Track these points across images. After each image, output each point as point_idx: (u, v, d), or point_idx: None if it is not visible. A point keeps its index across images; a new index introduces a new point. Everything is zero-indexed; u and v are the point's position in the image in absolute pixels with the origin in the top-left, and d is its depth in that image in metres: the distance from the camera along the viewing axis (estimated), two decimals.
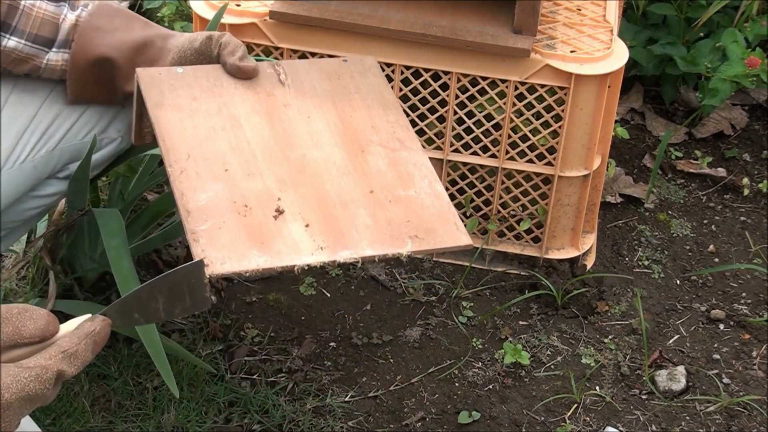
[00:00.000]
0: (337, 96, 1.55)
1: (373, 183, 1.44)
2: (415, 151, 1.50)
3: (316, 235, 1.35)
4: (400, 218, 1.41)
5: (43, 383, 1.08)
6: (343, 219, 1.39)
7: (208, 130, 1.44)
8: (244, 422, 1.81)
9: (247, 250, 1.31)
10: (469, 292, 2.09)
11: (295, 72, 1.56)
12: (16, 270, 1.90)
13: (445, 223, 1.42)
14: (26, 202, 1.61)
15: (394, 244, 1.38)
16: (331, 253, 1.34)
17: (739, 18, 2.48)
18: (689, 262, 2.21)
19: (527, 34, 1.91)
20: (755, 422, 1.86)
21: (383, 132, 1.52)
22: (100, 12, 1.54)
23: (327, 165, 1.45)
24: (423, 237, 1.40)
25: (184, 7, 2.77)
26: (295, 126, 1.49)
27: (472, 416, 1.85)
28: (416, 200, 1.44)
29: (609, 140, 2.06)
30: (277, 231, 1.34)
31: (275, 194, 1.39)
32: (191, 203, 1.34)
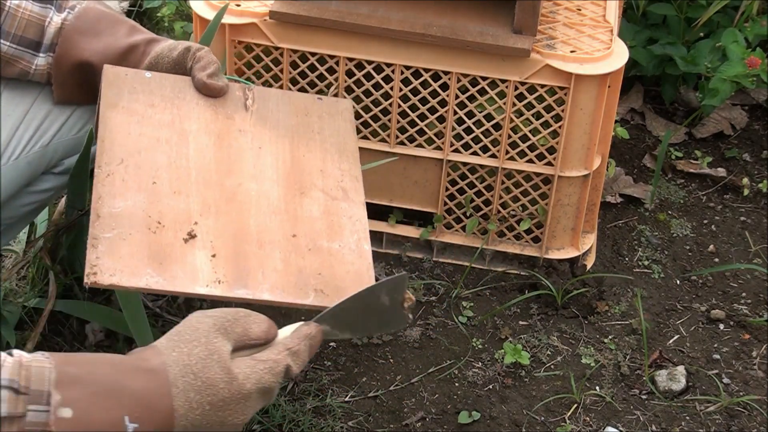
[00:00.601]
0: (298, 133, 1.52)
1: (299, 228, 1.41)
2: (356, 204, 1.47)
3: (219, 267, 1.32)
4: (312, 269, 1.38)
5: (275, 375, 1.17)
6: (253, 258, 1.36)
7: (152, 140, 1.42)
8: None
9: (142, 268, 1.28)
10: (469, 292, 2.09)
11: (265, 100, 1.53)
12: (16, 270, 1.90)
13: (359, 284, 1.38)
14: (22, 197, 1.61)
15: (296, 294, 1.35)
16: (227, 288, 1.31)
17: (739, 18, 2.48)
18: (689, 262, 2.21)
19: (527, 34, 1.91)
20: (755, 422, 1.86)
21: (330, 178, 1.49)
22: (86, 15, 1.53)
23: (259, 199, 1.42)
24: (328, 293, 1.36)
25: (184, 7, 2.77)
26: (242, 154, 1.46)
27: (472, 416, 1.85)
28: (337, 254, 1.41)
29: (609, 140, 2.06)
30: (181, 255, 1.31)
31: (193, 218, 1.36)
32: (104, 209, 1.32)
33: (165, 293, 1.30)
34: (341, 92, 2.00)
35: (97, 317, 1.82)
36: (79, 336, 1.90)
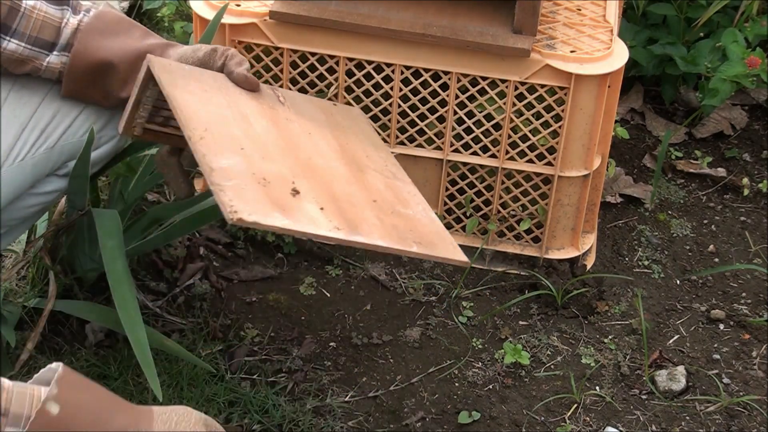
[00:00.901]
0: (332, 125, 1.56)
1: (375, 196, 1.46)
2: (407, 183, 1.53)
3: (331, 217, 1.36)
4: (403, 227, 1.43)
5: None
6: (353, 213, 1.40)
7: (222, 117, 1.44)
8: (244, 422, 1.81)
9: (270, 210, 1.31)
10: (469, 292, 2.09)
11: (293, 98, 1.58)
12: (16, 270, 1.90)
13: (443, 241, 1.45)
14: (26, 199, 1.61)
15: (402, 243, 1.40)
16: (346, 234, 1.35)
17: (739, 18, 2.48)
18: (689, 262, 2.21)
19: (527, 34, 1.91)
20: (755, 422, 1.86)
21: (377, 162, 1.54)
22: (104, 17, 1.55)
23: (332, 172, 1.46)
24: (426, 245, 1.42)
25: (184, 7, 2.77)
26: (298, 137, 1.49)
27: (472, 416, 1.85)
28: (415, 219, 1.46)
29: (609, 140, 2.06)
30: (296, 204, 1.35)
31: (290, 179, 1.39)
32: (215, 163, 1.33)
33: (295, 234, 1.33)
34: (341, 92, 2.00)
35: (97, 317, 1.82)
36: (79, 336, 1.90)
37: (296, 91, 1.99)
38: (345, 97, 2.00)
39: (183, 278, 2.06)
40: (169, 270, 2.07)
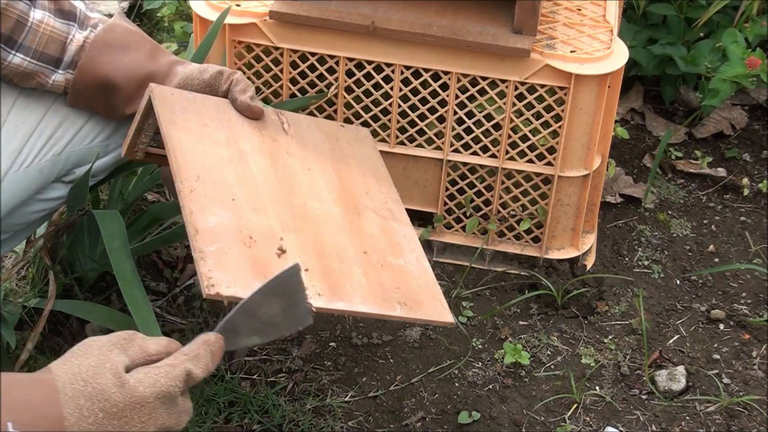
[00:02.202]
0: (336, 157, 1.55)
1: (367, 245, 1.44)
2: (404, 224, 1.52)
3: (314, 281, 1.34)
4: (390, 283, 1.41)
5: (173, 379, 1.13)
6: (339, 272, 1.38)
7: (217, 158, 1.42)
8: (244, 422, 1.81)
9: (250, 280, 1.30)
10: (469, 292, 2.09)
11: (298, 124, 1.56)
12: (16, 270, 1.91)
13: (431, 298, 1.43)
14: (31, 205, 1.61)
15: (385, 306, 1.38)
16: (327, 301, 1.34)
17: (739, 18, 2.48)
18: (689, 262, 2.21)
19: (527, 34, 1.91)
20: (755, 422, 1.86)
21: (376, 200, 1.52)
22: (114, 30, 1.53)
23: (326, 218, 1.44)
24: (411, 306, 1.40)
25: (184, 7, 2.77)
26: (296, 175, 1.48)
27: (472, 416, 1.85)
28: (405, 270, 1.44)
29: (609, 140, 2.07)
30: (279, 268, 1.31)
31: (278, 233, 1.38)
32: (200, 223, 1.32)
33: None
34: (341, 92, 2.00)
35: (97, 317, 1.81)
36: (79, 336, 1.90)
37: (298, 93, 2.00)
38: (345, 97, 2.00)
39: (183, 278, 2.06)
40: (169, 270, 2.07)
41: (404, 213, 1.54)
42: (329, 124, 1.62)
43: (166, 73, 1.52)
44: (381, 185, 1.56)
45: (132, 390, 1.10)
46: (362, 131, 1.65)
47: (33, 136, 1.55)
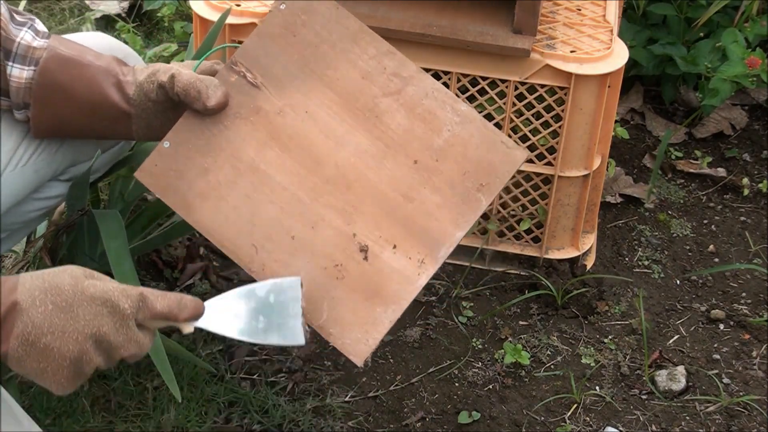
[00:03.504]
0: (311, 62, 1.42)
1: (411, 149, 1.38)
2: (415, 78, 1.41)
3: (408, 250, 1.33)
4: (457, 174, 1.36)
5: (125, 295, 1.19)
6: (417, 214, 1.35)
7: (246, 202, 1.37)
8: (244, 422, 1.81)
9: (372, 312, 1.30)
10: (469, 292, 2.09)
11: (256, 60, 1.42)
12: (16, 270, 1.90)
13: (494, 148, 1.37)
14: (28, 204, 1.61)
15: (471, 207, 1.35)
16: (432, 259, 1.32)
17: (739, 18, 2.48)
18: (689, 262, 2.21)
19: (527, 34, 1.91)
20: (755, 422, 1.86)
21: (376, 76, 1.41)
22: (49, 67, 1.44)
23: (362, 160, 1.38)
24: (487, 180, 1.36)
25: (184, 7, 2.77)
26: (305, 134, 1.40)
27: (472, 416, 1.85)
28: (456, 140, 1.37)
29: (609, 140, 2.06)
30: (378, 272, 1.32)
31: (347, 231, 1.35)
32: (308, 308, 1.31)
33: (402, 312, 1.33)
34: None
35: None
36: None
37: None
38: None
39: (183, 278, 2.06)
40: (169, 270, 2.07)
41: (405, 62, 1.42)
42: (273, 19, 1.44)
43: (117, 85, 1.45)
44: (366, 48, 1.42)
45: (83, 288, 1.17)
46: None
47: (28, 136, 1.54)
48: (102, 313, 1.17)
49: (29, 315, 1.14)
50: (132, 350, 1.20)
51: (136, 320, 1.19)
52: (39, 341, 1.14)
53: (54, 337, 1.15)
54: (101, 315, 1.17)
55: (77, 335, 1.16)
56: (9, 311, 1.13)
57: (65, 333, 1.15)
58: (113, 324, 1.17)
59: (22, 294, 1.14)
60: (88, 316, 1.16)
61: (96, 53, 1.48)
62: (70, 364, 1.17)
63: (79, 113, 1.46)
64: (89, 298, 1.17)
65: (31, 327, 1.14)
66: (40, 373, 1.16)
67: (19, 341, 1.14)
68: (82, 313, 1.16)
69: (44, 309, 1.15)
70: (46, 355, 1.15)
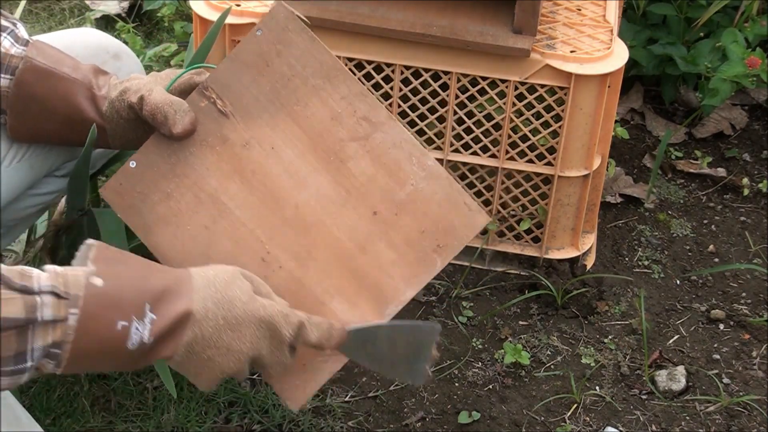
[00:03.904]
0: (282, 96, 1.39)
1: (372, 200, 1.36)
2: (385, 125, 1.37)
3: (356, 303, 1.34)
4: (415, 231, 1.35)
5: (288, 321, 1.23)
6: (370, 267, 1.35)
7: (204, 233, 1.37)
8: (244, 422, 1.81)
9: (313, 361, 1.32)
10: (469, 292, 2.09)
11: (227, 87, 1.39)
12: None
13: (456, 209, 1.35)
14: (24, 200, 1.61)
15: (425, 268, 1.35)
16: (379, 316, 1.33)
17: (739, 18, 2.48)
18: (689, 262, 2.21)
19: (527, 34, 1.91)
20: (755, 422, 1.86)
21: (346, 118, 1.38)
22: (24, 79, 1.43)
23: (322, 204, 1.37)
24: (445, 242, 1.35)
25: (184, 7, 2.77)
26: (268, 170, 1.38)
27: (472, 416, 1.85)
28: (418, 196, 1.36)
29: (609, 140, 2.06)
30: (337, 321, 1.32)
31: (301, 277, 1.35)
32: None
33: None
34: None
35: None
36: None
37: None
38: None
39: None
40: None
41: (377, 106, 1.38)
42: (248, 45, 1.40)
43: (91, 99, 1.45)
44: (338, 87, 1.39)
45: (254, 309, 1.20)
46: (279, 14, 1.41)
47: None
48: (265, 336, 1.21)
49: (201, 327, 1.17)
50: (277, 370, 1.25)
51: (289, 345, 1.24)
52: (204, 352, 1.18)
53: (218, 352, 1.18)
54: (264, 338, 1.21)
55: (240, 355, 1.19)
56: (183, 319, 1.16)
57: (230, 351, 1.19)
58: (270, 347, 1.22)
59: (197, 303, 1.17)
60: (253, 338, 1.20)
61: (74, 63, 1.46)
62: (225, 376, 1.21)
63: (56, 124, 1.46)
64: (258, 320, 1.20)
65: (200, 338, 1.17)
66: (194, 376, 1.21)
67: (185, 349, 1.17)
68: (249, 334, 1.19)
69: (215, 323, 1.17)
70: (206, 365, 1.19)
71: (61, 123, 1.45)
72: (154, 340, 1.14)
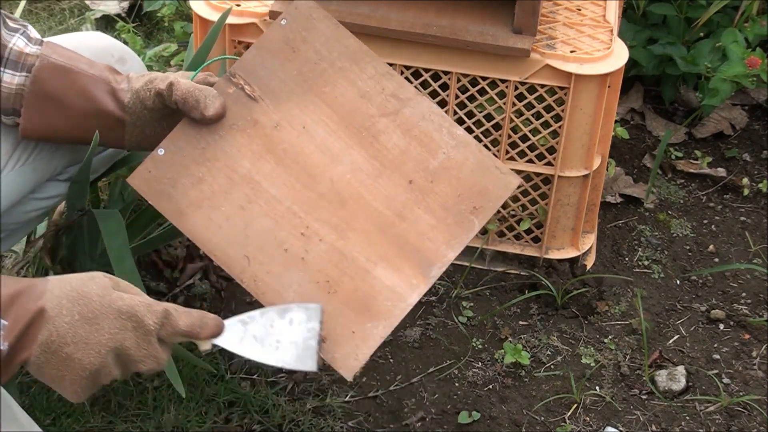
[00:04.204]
0: (309, 79, 1.42)
1: (406, 169, 1.39)
2: (413, 100, 1.42)
3: (400, 268, 1.33)
4: (451, 196, 1.37)
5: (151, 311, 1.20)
6: (409, 234, 1.36)
7: (240, 213, 1.37)
8: (244, 422, 1.81)
9: (363, 328, 1.32)
10: (469, 292, 2.09)
11: (254, 74, 1.43)
12: (16, 270, 1.90)
13: (488, 173, 1.38)
14: (27, 204, 1.61)
15: (463, 229, 1.36)
16: (423, 278, 1.33)
17: (739, 18, 2.48)
18: (689, 262, 2.21)
19: (527, 34, 1.91)
20: (755, 422, 1.86)
21: (374, 96, 1.42)
22: (41, 77, 1.43)
23: (357, 177, 1.39)
24: (480, 204, 1.37)
25: (184, 7, 2.77)
26: (301, 149, 1.40)
27: (472, 416, 1.85)
28: (451, 163, 1.39)
29: (609, 140, 2.06)
30: (370, 288, 1.33)
31: (340, 246, 1.35)
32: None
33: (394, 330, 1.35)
34: None
35: None
36: None
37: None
38: None
39: (183, 278, 2.06)
40: (169, 270, 2.07)
41: (404, 84, 1.43)
42: (273, 34, 1.43)
43: (111, 93, 1.45)
44: (365, 68, 1.43)
45: (111, 300, 1.18)
46: (302, 5, 1.44)
47: None
48: (126, 327, 1.18)
49: (55, 323, 1.15)
50: (150, 365, 1.21)
51: (157, 335, 1.20)
52: (61, 350, 1.15)
53: (77, 348, 1.16)
54: (125, 329, 1.18)
55: (100, 348, 1.17)
56: (35, 318, 1.14)
57: (88, 344, 1.16)
58: (135, 338, 1.19)
59: (49, 301, 1.15)
60: (112, 329, 1.17)
61: (89, 61, 1.47)
62: (89, 375, 1.18)
63: (71, 122, 1.45)
64: (116, 311, 1.18)
65: (56, 336, 1.15)
66: (57, 380, 1.17)
67: (41, 349, 1.15)
68: (107, 326, 1.17)
69: (70, 318, 1.15)
70: (66, 364, 1.16)
71: (78, 119, 1.45)
72: (8, 345, 1.12)
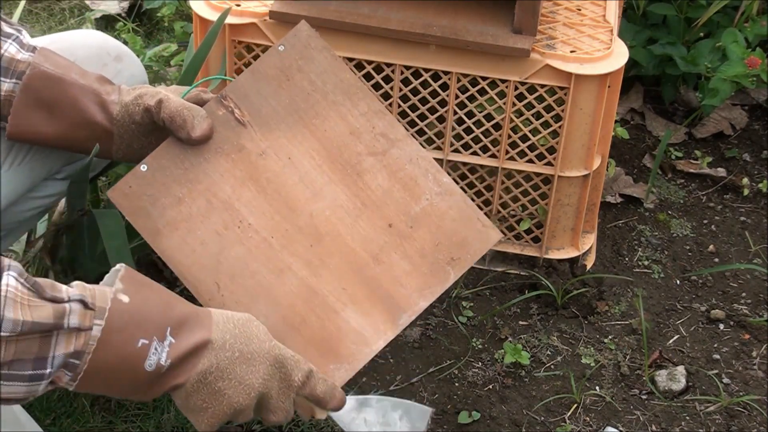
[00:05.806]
0: (301, 109, 1.41)
1: (387, 212, 1.38)
2: (402, 141, 1.41)
3: (370, 312, 1.33)
4: (429, 244, 1.37)
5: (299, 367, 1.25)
6: (383, 278, 1.35)
7: (215, 239, 1.36)
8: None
9: (324, 369, 1.31)
10: (469, 292, 2.09)
11: (246, 98, 1.41)
12: None
13: (470, 224, 1.38)
14: (24, 203, 1.60)
15: (438, 280, 1.35)
16: (392, 326, 1.33)
17: (739, 18, 2.48)
18: (689, 262, 2.21)
19: (527, 34, 1.91)
20: (755, 422, 1.86)
21: (364, 133, 1.41)
22: (32, 85, 1.42)
23: (337, 214, 1.38)
24: (458, 255, 1.36)
25: (184, 7, 2.77)
26: (284, 180, 1.39)
27: (472, 416, 1.85)
28: (433, 210, 1.38)
29: (609, 140, 2.06)
30: (337, 330, 1.32)
31: (313, 285, 1.35)
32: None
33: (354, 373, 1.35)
34: None
35: None
36: None
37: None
38: None
39: None
40: (169, 270, 2.06)
41: (395, 125, 1.41)
42: (270, 59, 1.42)
43: (101, 104, 1.44)
44: (357, 104, 1.41)
45: (270, 347, 1.22)
46: (302, 33, 1.43)
47: None
48: (275, 376, 1.21)
49: (217, 356, 1.18)
50: (280, 417, 1.24)
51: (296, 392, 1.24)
52: (215, 383, 1.18)
53: (230, 384, 1.19)
54: (274, 378, 1.21)
55: (251, 390, 1.20)
56: (200, 346, 1.17)
57: (241, 383, 1.19)
58: (279, 389, 1.22)
59: (215, 333, 1.18)
60: (265, 375, 1.20)
61: (81, 71, 1.46)
62: (232, 413, 1.20)
63: (59, 131, 1.45)
64: (273, 358, 1.21)
65: (215, 368, 1.18)
66: (198, 411, 1.19)
67: (198, 377, 1.17)
68: (262, 370, 1.20)
69: (231, 354, 1.18)
70: (215, 397, 1.19)
71: (67, 128, 1.45)
72: (170, 363, 1.15)
